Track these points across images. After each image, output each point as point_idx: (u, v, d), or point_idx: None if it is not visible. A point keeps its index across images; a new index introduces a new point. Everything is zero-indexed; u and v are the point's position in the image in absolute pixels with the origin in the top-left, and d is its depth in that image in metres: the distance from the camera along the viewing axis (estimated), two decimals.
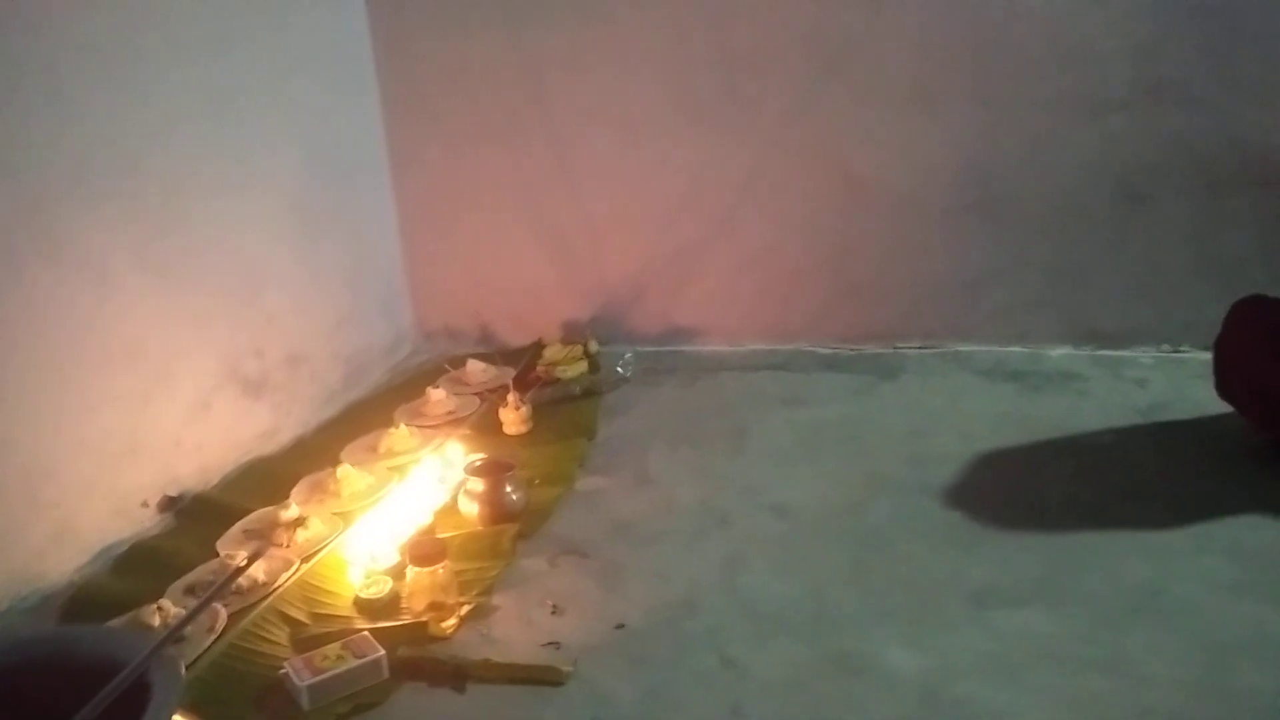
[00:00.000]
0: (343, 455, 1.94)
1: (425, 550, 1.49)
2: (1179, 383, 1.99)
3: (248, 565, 1.45)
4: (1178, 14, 2.05)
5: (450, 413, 2.15)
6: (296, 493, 1.82)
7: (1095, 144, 2.15)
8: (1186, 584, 1.39)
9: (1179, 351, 2.13)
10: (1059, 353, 2.25)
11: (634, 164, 2.41)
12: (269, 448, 2.05)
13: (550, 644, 1.38)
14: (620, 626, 1.41)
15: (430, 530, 1.69)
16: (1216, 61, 2.06)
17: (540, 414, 2.11)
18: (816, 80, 2.25)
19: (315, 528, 1.69)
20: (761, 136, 2.32)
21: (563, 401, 2.21)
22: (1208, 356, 1.80)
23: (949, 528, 1.59)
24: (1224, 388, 1.72)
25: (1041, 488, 1.69)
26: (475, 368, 2.32)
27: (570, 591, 1.51)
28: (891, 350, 2.34)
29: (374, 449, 1.98)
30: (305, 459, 1.98)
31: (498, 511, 1.69)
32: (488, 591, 1.52)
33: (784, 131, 2.30)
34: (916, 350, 2.33)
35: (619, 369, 2.32)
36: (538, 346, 2.43)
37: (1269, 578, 1.39)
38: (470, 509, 1.71)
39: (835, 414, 2.05)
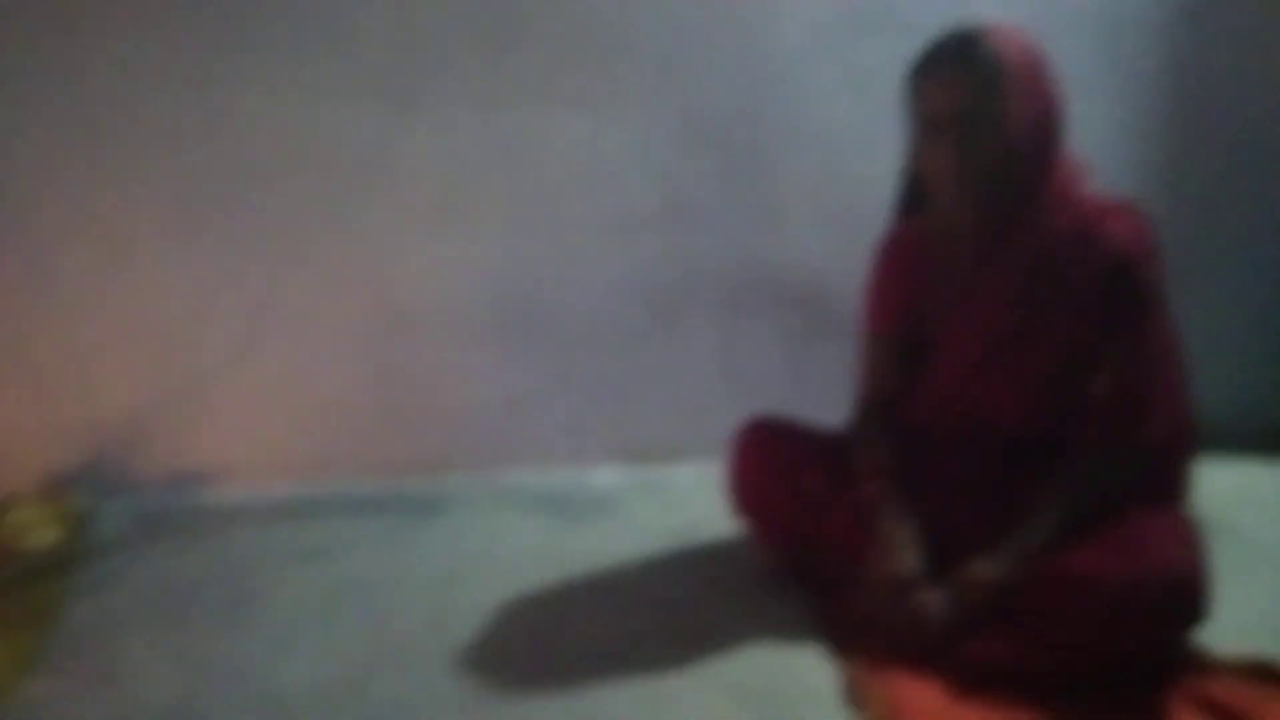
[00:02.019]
0: None
1: None
2: (713, 500, 1.98)
3: None
4: (693, 139, 2.13)
5: None
6: None
7: (625, 264, 2.16)
8: None
9: (714, 467, 2.15)
10: (604, 474, 2.20)
11: (126, 286, 2.05)
12: None
13: None
14: None
15: None
16: (731, 186, 2.16)
17: None
18: (340, 192, 2.07)
19: None
20: (281, 252, 2.08)
21: (23, 580, 1.76)
22: None
23: (460, 700, 1.40)
24: (737, 510, 1.72)
25: (564, 638, 1.56)
26: None
27: None
28: (436, 482, 2.16)
29: None
30: None
31: None
32: None
33: (306, 246, 2.08)
34: (465, 479, 2.17)
35: (106, 532, 1.92)
36: (1, 509, 1.96)
37: (764, 716, 1.35)
38: None
39: (360, 567, 1.81)
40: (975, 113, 1.38)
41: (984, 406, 1.53)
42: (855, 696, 1.36)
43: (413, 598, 1.69)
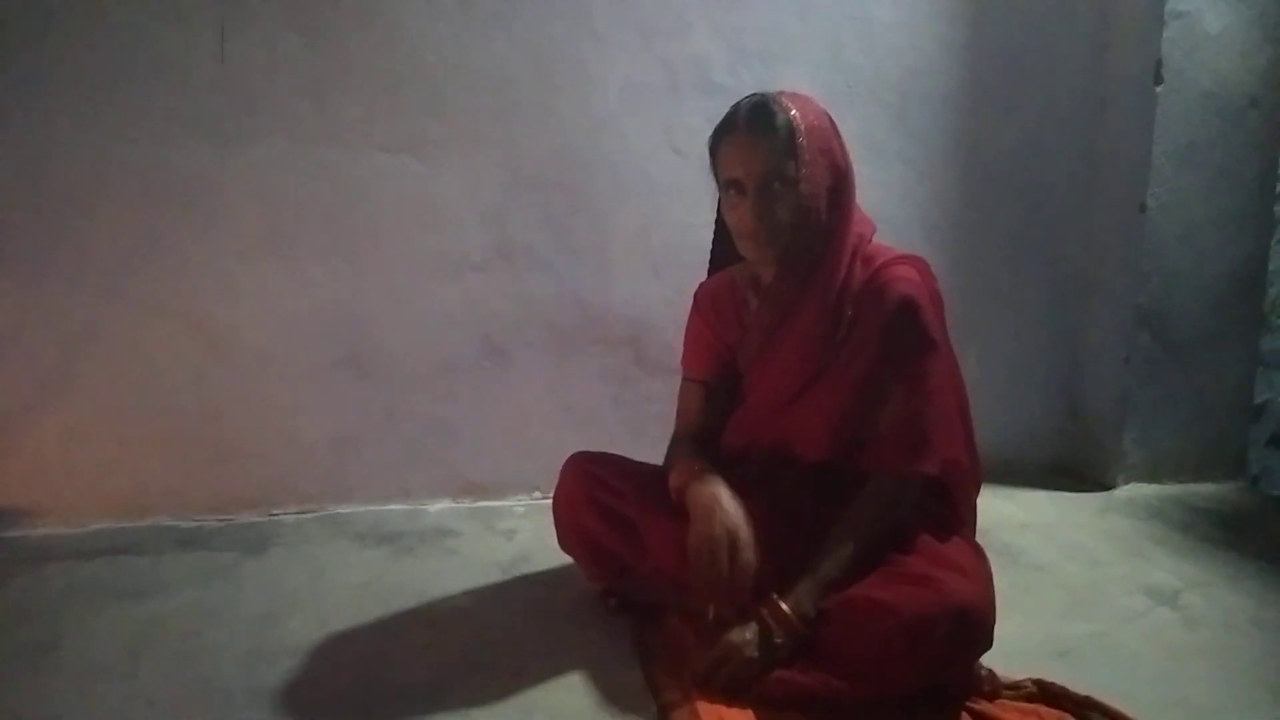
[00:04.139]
0: None
1: None
2: (543, 532, 2.03)
3: None
4: (521, 184, 2.21)
5: None
6: None
7: (459, 301, 2.21)
8: None
9: (546, 499, 2.21)
10: (438, 507, 2.23)
11: None
12: None
13: None
14: None
15: None
16: (560, 231, 2.24)
17: None
18: (159, 223, 2.04)
19: None
20: (96, 283, 2.02)
21: None
22: None
23: None
24: (562, 541, 1.78)
25: (388, 673, 1.57)
26: None
27: None
28: (266, 518, 2.14)
29: None
30: None
31: None
32: None
33: (123, 278, 2.04)
34: (293, 516, 2.15)
35: None
36: None
37: None
38: None
39: (178, 605, 1.77)
40: (771, 177, 1.50)
41: (788, 438, 1.64)
42: None
43: (233, 636, 1.66)
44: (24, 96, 1.95)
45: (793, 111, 1.52)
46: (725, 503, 1.54)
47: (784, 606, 1.45)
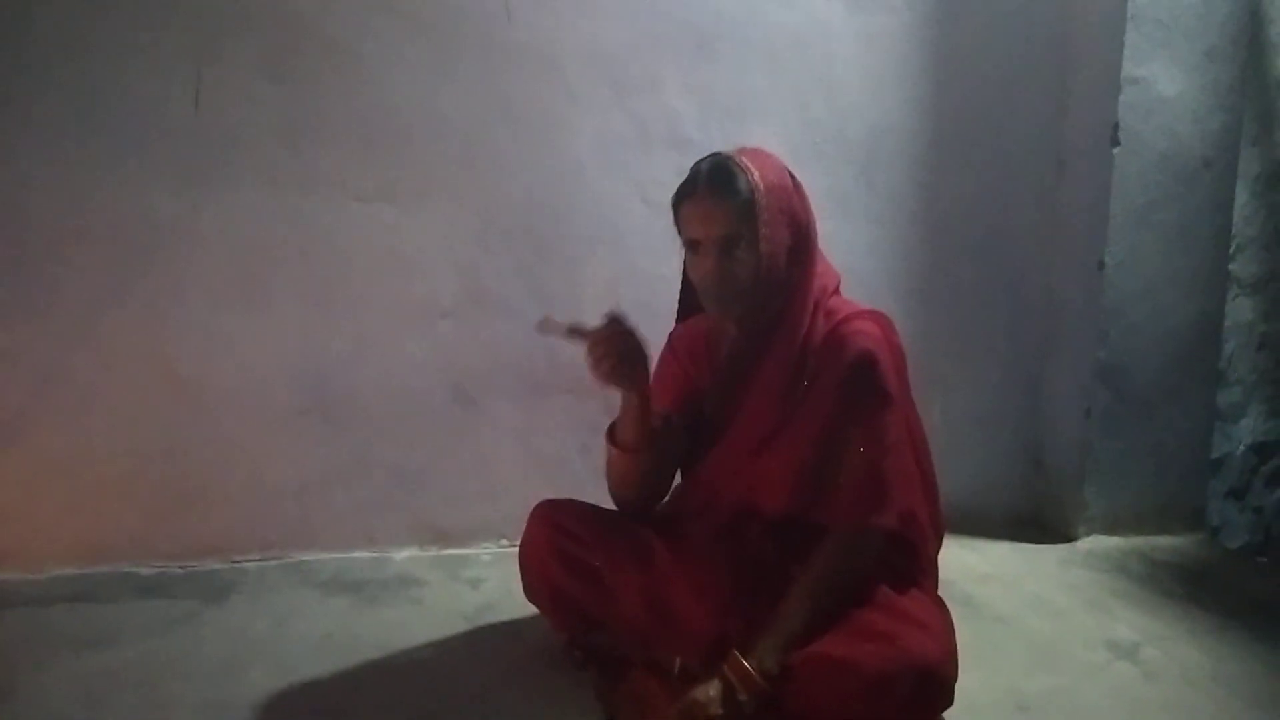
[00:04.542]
0: None
1: None
2: (509, 581, 2.01)
3: None
4: (493, 232, 2.23)
5: None
6: None
7: (428, 348, 2.21)
8: None
9: (513, 547, 2.19)
10: (403, 555, 2.22)
11: None
12: None
13: None
14: None
15: None
16: (531, 278, 2.26)
17: None
18: (127, 268, 2.04)
19: None
20: (63, 326, 2.02)
21: None
22: None
23: None
24: (527, 590, 1.77)
25: None
26: None
27: None
28: (229, 565, 2.11)
29: None
30: None
31: None
32: None
33: (89, 322, 2.03)
34: (257, 563, 2.13)
35: None
36: None
37: None
38: None
39: (138, 655, 1.74)
40: (732, 237, 1.54)
41: (751, 491, 1.66)
42: None
43: (190, 687, 1.64)
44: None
45: (753, 173, 1.56)
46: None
47: (747, 664, 1.45)
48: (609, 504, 1.77)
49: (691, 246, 1.59)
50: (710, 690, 1.45)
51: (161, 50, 2.02)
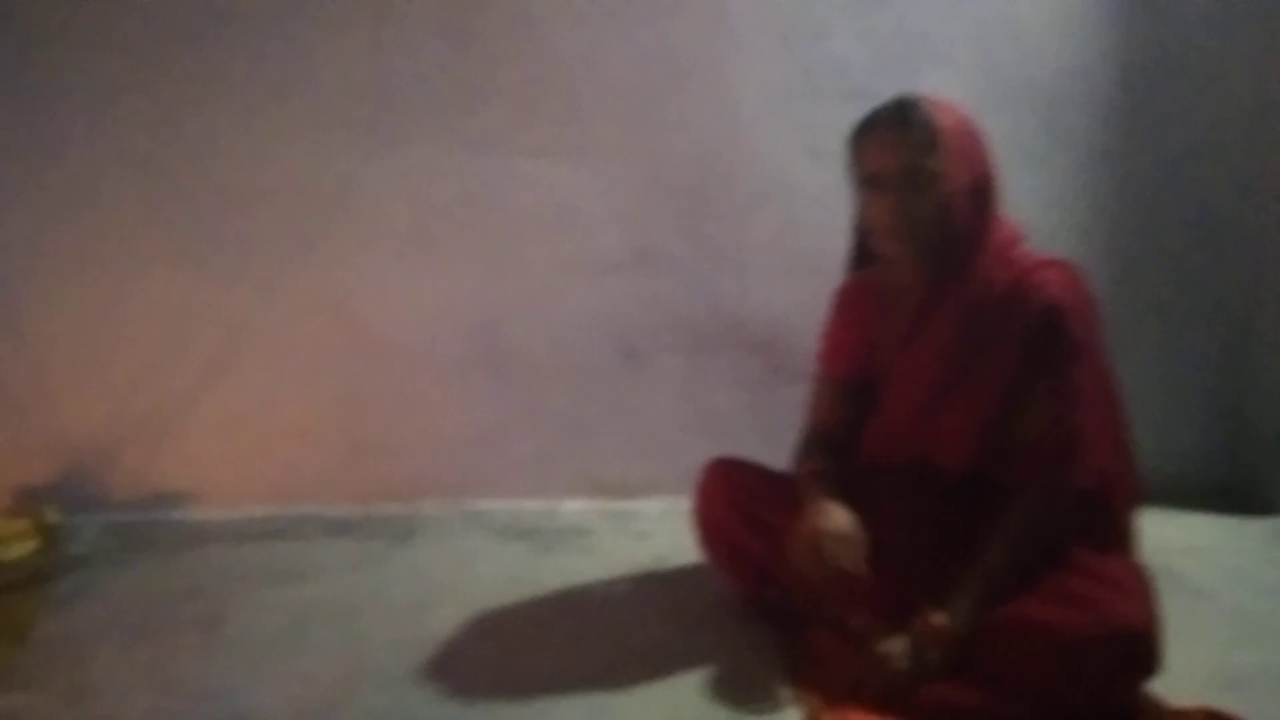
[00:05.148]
0: None
1: None
2: (679, 534, 2.04)
3: None
4: (658, 187, 2.23)
5: None
6: None
7: (593, 304, 2.24)
8: None
9: (679, 502, 2.21)
10: (572, 506, 2.26)
11: (99, 303, 2.10)
12: None
13: None
14: None
15: None
16: (694, 233, 2.25)
17: None
18: (312, 224, 2.13)
19: None
20: (255, 278, 2.13)
21: None
22: None
23: None
24: (702, 544, 1.79)
25: (532, 663, 1.61)
26: None
27: None
28: (409, 509, 2.20)
29: None
30: None
31: None
32: None
33: (278, 275, 2.13)
34: (434, 508, 2.22)
35: (79, 546, 1.94)
36: None
37: None
38: None
39: (333, 590, 1.85)
40: (911, 171, 1.48)
41: (929, 447, 1.61)
42: None
43: (387, 621, 1.73)
44: (194, 103, 2.07)
45: (935, 110, 1.50)
46: (832, 507, 1.55)
47: (936, 620, 1.42)
48: (775, 463, 1.77)
49: (869, 183, 1.53)
50: (897, 645, 1.44)
51: (341, 14, 2.09)
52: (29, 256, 2.07)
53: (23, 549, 1.90)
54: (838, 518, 1.53)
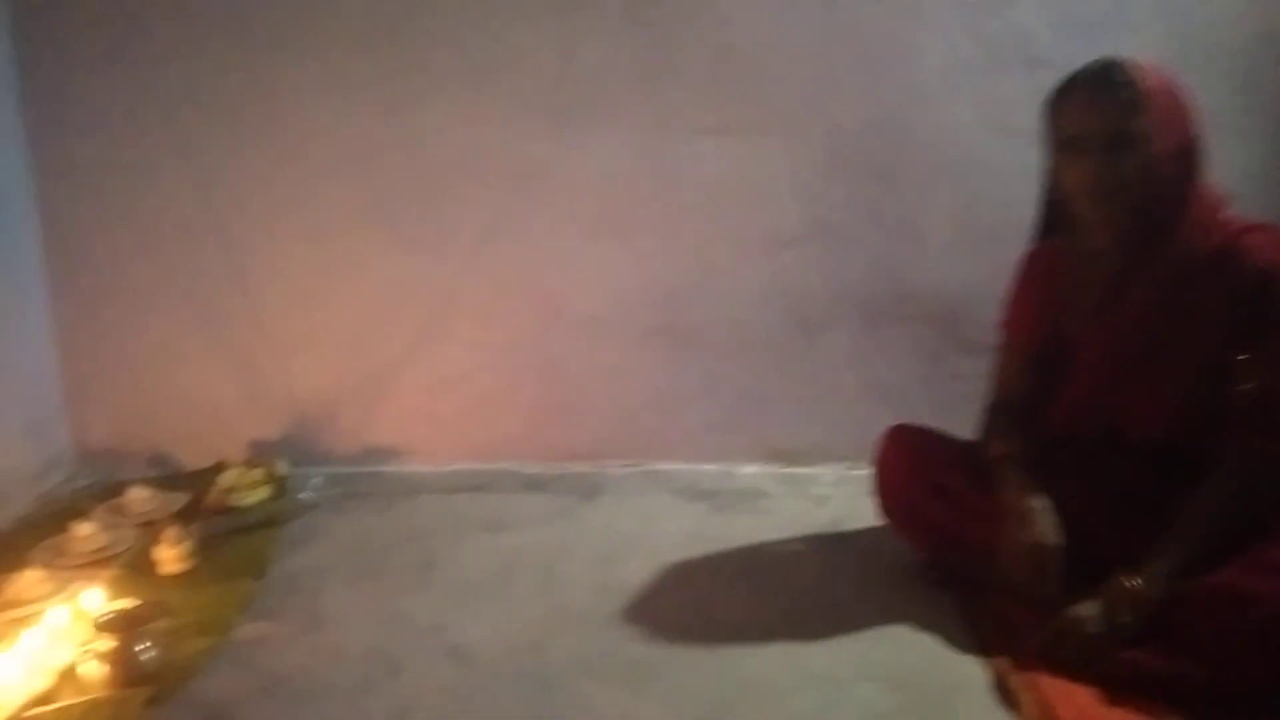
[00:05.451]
0: None
1: None
2: (855, 500, 2.09)
3: None
4: (838, 162, 2.26)
5: (99, 550, 1.89)
6: None
7: (770, 277, 2.30)
8: (845, 714, 1.42)
9: (854, 469, 2.26)
10: (748, 470, 2.34)
11: (322, 276, 2.32)
12: None
13: None
14: None
15: (45, 699, 1.45)
16: (872, 207, 2.27)
17: (207, 549, 1.91)
18: (511, 202, 2.28)
19: None
20: (458, 254, 2.30)
21: (236, 533, 2.01)
22: None
23: (626, 664, 1.56)
24: (883, 508, 1.83)
25: (719, 613, 1.70)
26: (137, 496, 2.08)
27: None
28: (594, 469, 2.34)
29: None
30: None
31: (126, 673, 1.47)
32: None
33: (481, 250, 2.30)
34: (618, 469, 2.35)
35: (306, 494, 2.16)
36: (215, 470, 2.21)
37: (916, 704, 1.44)
38: (95, 671, 1.48)
39: (531, 540, 2.00)
40: (1115, 132, 1.46)
41: (1121, 417, 1.59)
42: (1007, 695, 1.43)
43: (581, 569, 1.87)
44: (407, 89, 2.25)
45: (1140, 72, 1.47)
46: (1040, 515, 1.55)
47: (1130, 584, 1.42)
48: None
49: (1070, 145, 1.52)
50: (1090, 609, 1.44)
51: (534, 4, 2.21)
52: (266, 238, 2.31)
53: (258, 496, 2.13)
54: (1044, 526, 1.54)
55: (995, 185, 2.23)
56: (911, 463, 1.76)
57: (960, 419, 1.86)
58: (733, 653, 1.58)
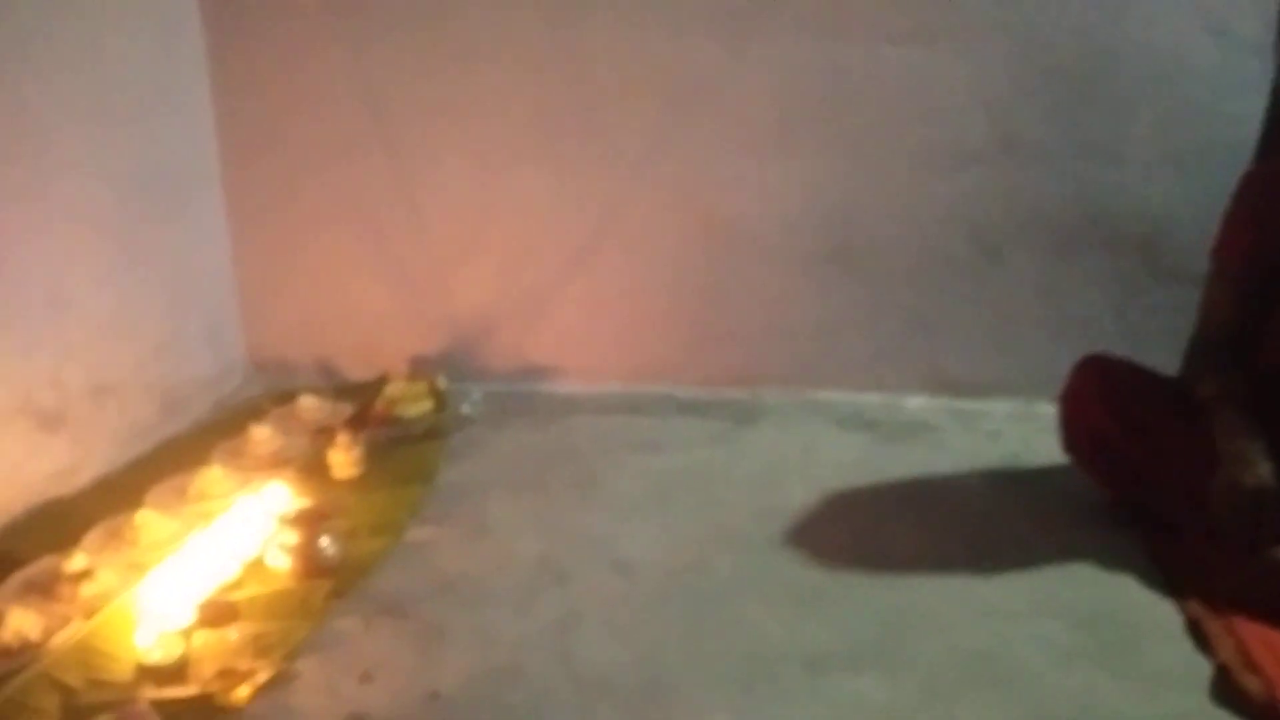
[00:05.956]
0: (147, 499, 1.76)
1: (215, 610, 1.34)
2: (1030, 437, 1.99)
3: None
4: (1030, 73, 2.09)
5: (275, 453, 1.98)
6: (89, 540, 1.63)
7: (951, 197, 2.17)
8: (1022, 649, 1.35)
9: (1032, 405, 2.13)
10: (915, 402, 2.24)
11: (485, 194, 2.31)
12: (64, 488, 1.83)
13: (354, 716, 1.25)
14: (434, 696, 1.29)
15: (234, 586, 1.53)
16: (1067, 122, 2.10)
17: (376, 456, 1.97)
18: (677, 118, 2.21)
19: (104, 580, 1.50)
20: (621, 172, 2.26)
21: (402, 443, 2.06)
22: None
23: (790, 586, 1.53)
24: (1069, 444, 1.72)
25: (886, 543, 1.65)
26: (308, 404, 2.16)
27: (383, 656, 1.38)
28: (751, 395, 2.29)
29: (184, 492, 1.80)
30: (106, 502, 1.77)
31: (310, 565, 1.53)
32: (291, 656, 1.37)
33: (644, 169, 2.24)
34: (776, 395, 2.28)
35: (466, 409, 2.20)
36: (380, 382, 2.27)
37: (1101, 643, 1.37)
38: (281, 562, 1.55)
39: (689, 462, 1.98)
40: None
41: None
42: (1202, 636, 1.35)
43: (740, 492, 1.84)
44: (574, 2, 2.19)
45: None
46: (1260, 458, 1.42)
47: None
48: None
49: None
50: None
51: None
52: (432, 155, 2.31)
53: (420, 408, 2.18)
54: (1263, 469, 1.42)
55: (1207, 97, 2.01)
56: (1105, 396, 1.64)
57: (1157, 355, 1.72)
58: (901, 582, 1.53)
